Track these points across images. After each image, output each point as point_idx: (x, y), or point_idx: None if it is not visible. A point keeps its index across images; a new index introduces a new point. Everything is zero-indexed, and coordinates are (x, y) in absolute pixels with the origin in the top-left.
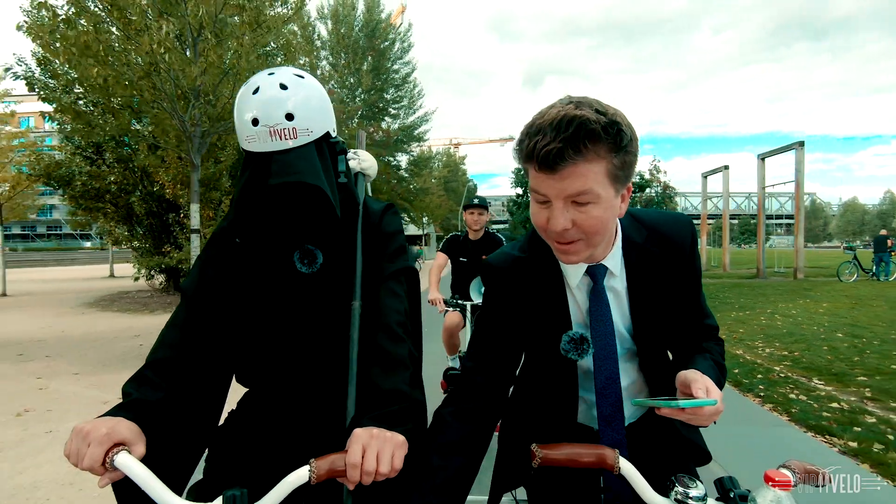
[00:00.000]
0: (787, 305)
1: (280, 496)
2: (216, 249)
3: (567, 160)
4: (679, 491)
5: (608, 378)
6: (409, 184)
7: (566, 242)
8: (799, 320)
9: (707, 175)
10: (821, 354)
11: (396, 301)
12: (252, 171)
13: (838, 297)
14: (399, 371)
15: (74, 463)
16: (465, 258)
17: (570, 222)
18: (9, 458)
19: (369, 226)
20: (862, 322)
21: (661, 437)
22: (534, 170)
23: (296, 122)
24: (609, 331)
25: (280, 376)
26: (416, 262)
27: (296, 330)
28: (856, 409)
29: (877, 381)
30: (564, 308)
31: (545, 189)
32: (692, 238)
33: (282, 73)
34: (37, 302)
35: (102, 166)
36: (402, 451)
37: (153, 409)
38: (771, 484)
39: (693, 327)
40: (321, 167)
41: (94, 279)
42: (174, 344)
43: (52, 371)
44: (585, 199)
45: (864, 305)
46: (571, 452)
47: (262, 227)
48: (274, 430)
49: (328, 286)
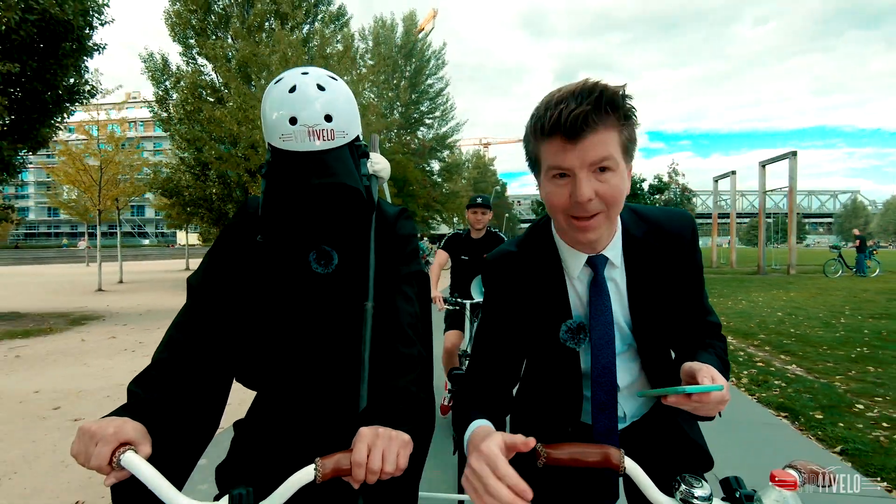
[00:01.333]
0: (760, 294)
1: (285, 495)
2: (227, 245)
3: (590, 126)
4: (684, 490)
5: (604, 367)
6: (441, 188)
7: (587, 217)
8: (759, 304)
9: (718, 179)
10: (749, 323)
11: (408, 304)
12: (285, 170)
13: (809, 288)
14: (407, 371)
15: (82, 462)
16: (467, 256)
17: (593, 192)
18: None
19: (384, 228)
20: (806, 305)
21: (665, 439)
22: (555, 143)
23: (334, 124)
24: (608, 320)
25: (292, 375)
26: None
27: (309, 329)
28: (749, 354)
29: (773, 339)
30: (564, 299)
31: (568, 161)
32: (692, 233)
33: (315, 73)
34: (147, 287)
35: (207, 181)
36: (408, 449)
37: (158, 409)
38: (775, 484)
39: (695, 324)
40: (355, 170)
41: (175, 271)
42: (179, 343)
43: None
44: (607, 166)
45: (823, 295)
46: (576, 452)
47: (289, 227)
48: (284, 429)
49: (342, 287)
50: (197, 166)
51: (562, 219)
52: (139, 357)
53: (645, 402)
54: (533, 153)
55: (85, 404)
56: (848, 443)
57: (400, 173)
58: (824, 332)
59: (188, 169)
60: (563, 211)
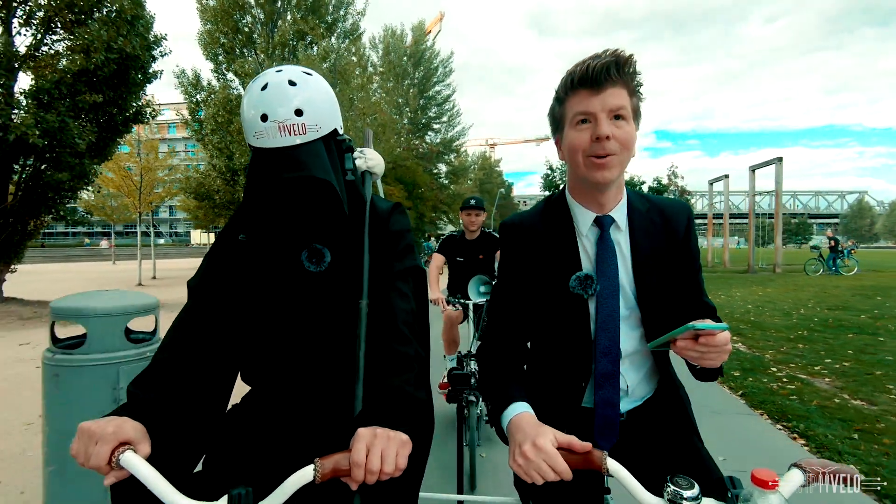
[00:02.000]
0: (739, 290)
1: (285, 495)
2: (224, 247)
3: (610, 78)
4: (672, 491)
5: (609, 315)
6: (447, 190)
7: (604, 156)
8: (736, 299)
9: (712, 182)
10: (719, 314)
11: (404, 301)
12: (261, 167)
13: (787, 285)
14: (404, 371)
15: (81, 462)
16: (462, 258)
17: (611, 132)
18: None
19: (377, 225)
20: (776, 299)
21: (657, 439)
22: (581, 94)
23: (304, 118)
24: (613, 274)
25: (287, 375)
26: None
27: (303, 329)
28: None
29: (732, 326)
30: (575, 254)
31: (592, 106)
32: (688, 220)
33: (290, 70)
34: (180, 282)
35: (236, 186)
36: (406, 450)
37: (158, 409)
38: (759, 484)
39: (693, 308)
40: (329, 163)
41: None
42: (179, 344)
43: None
44: (621, 114)
45: (796, 290)
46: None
47: (270, 224)
48: (280, 429)
49: (336, 285)
50: (227, 172)
51: (581, 160)
52: None
53: (647, 377)
54: (559, 114)
55: None
56: (748, 389)
57: (409, 177)
58: (780, 320)
59: (219, 175)
60: (583, 152)
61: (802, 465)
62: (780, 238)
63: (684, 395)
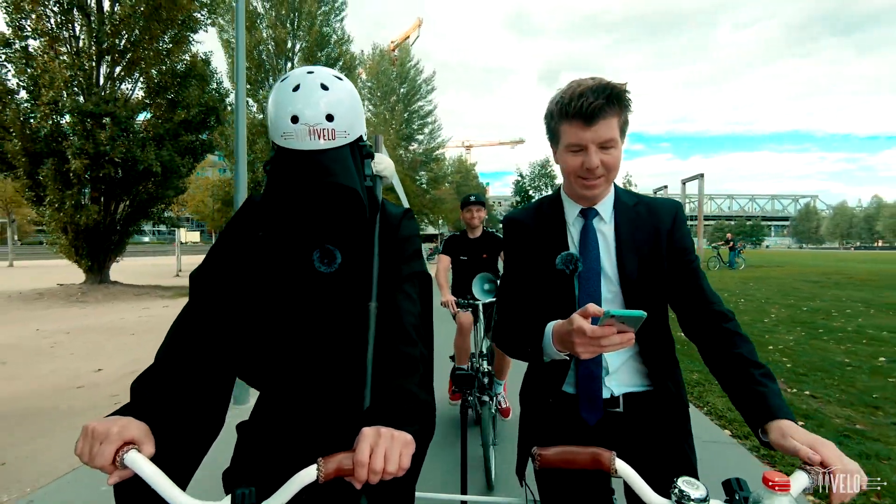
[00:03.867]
0: None
1: (288, 495)
2: (231, 241)
3: (602, 114)
4: (679, 493)
5: (589, 294)
6: (428, 195)
7: (594, 179)
8: None
9: (686, 181)
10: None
11: (410, 304)
12: (285, 168)
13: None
14: (410, 372)
15: (85, 462)
16: (466, 256)
17: (599, 162)
18: None
19: (387, 229)
20: None
21: (660, 439)
22: (574, 125)
23: (335, 124)
24: (594, 257)
25: (294, 375)
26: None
27: (312, 329)
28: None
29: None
30: (564, 239)
31: (584, 140)
32: (676, 214)
33: (321, 72)
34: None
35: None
36: (410, 450)
37: (162, 408)
38: (769, 486)
39: (703, 311)
40: (354, 170)
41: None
42: (182, 342)
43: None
44: (610, 145)
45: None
46: (566, 453)
47: (289, 224)
48: (286, 429)
49: (345, 286)
50: (251, 184)
51: (573, 180)
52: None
53: (632, 362)
54: (554, 129)
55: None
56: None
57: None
58: None
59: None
60: (575, 174)
61: (807, 468)
62: (703, 241)
63: (684, 396)
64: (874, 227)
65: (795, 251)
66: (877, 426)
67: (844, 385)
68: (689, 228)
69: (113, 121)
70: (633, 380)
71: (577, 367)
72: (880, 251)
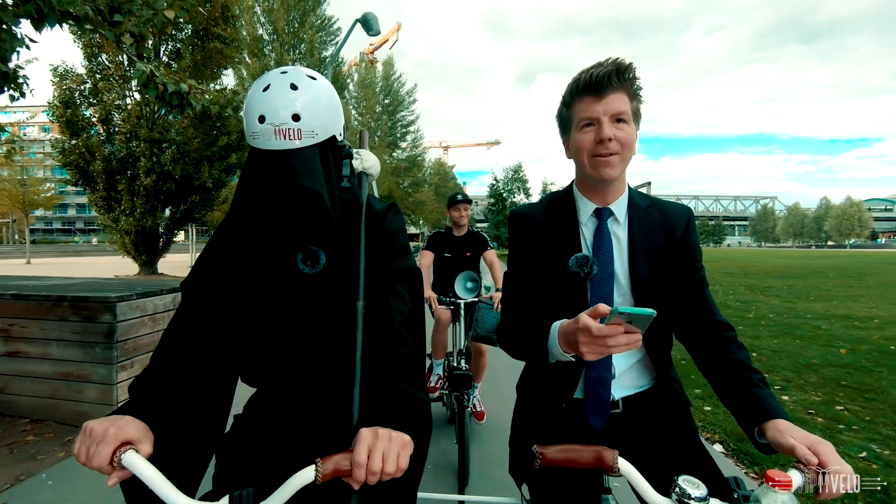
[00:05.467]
0: None
1: (286, 496)
2: (218, 247)
3: (613, 85)
4: (680, 491)
5: (601, 299)
6: (411, 197)
7: (607, 154)
8: None
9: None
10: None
11: (400, 301)
12: (253, 168)
13: None
14: (404, 372)
15: (83, 462)
16: (450, 254)
17: (613, 133)
18: None
19: (372, 225)
20: None
21: (660, 438)
22: (585, 100)
23: (301, 124)
24: (608, 260)
25: (285, 376)
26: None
27: (300, 330)
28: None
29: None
30: (577, 239)
31: (595, 112)
32: (689, 220)
33: (294, 72)
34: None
35: None
36: (408, 450)
37: (160, 408)
38: (771, 484)
39: (704, 321)
40: (322, 171)
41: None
42: (176, 344)
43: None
44: (622, 118)
45: None
46: (569, 451)
47: (259, 225)
48: (280, 430)
49: (331, 286)
50: None
51: (587, 159)
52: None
53: (639, 366)
54: (567, 117)
55: None
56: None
57: (386, 189)
58: None
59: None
60: (588, 152)
61: (801, 467)
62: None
63: (684, 395)
64: (822, 227)
65: (748, 249)
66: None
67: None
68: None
69: (172, 146)
70: (634, 382)
71: (586, 370)
72: (828, 249)
